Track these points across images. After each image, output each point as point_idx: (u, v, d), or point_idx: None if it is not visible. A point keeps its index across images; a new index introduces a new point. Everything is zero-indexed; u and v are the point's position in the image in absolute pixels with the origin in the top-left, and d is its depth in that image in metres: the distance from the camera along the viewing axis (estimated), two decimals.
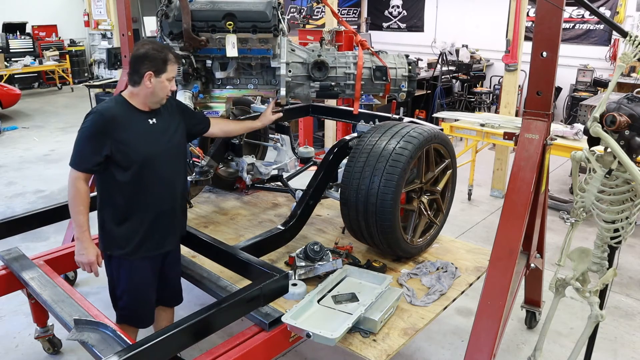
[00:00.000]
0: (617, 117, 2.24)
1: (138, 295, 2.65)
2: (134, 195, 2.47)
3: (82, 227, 2.44)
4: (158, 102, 2.51)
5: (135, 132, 2.44)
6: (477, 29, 10.60)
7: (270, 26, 3.03)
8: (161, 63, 2.43)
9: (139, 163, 2.44)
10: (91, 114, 2.44)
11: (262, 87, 3.40)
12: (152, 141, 2.49)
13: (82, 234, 2.46)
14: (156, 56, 2.42)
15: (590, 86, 9.15)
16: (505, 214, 2.62)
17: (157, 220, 2.56)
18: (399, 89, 3.49)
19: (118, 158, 2.40)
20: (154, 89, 2.44)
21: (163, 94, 2.48)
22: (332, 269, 2.93)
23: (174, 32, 3.02)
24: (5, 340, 3.49)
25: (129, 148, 2.41)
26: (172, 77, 2.48)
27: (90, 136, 2.38)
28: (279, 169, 4.06)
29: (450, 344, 3.49)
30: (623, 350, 3.44)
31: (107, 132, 2.37)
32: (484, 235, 5.13)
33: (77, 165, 2.39)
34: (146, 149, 2.46)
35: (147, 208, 2.52)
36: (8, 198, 6.01)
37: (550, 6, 2.46)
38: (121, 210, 2.49)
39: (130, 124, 2.44)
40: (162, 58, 2.43)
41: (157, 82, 2.43)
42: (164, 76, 2.44)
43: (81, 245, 2.47)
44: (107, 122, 2.38)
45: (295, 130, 7.00)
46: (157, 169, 2.51)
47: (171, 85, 2.49)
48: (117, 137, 2.38)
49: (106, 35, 13.21)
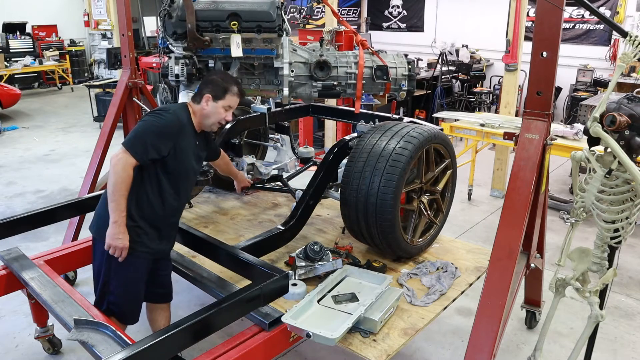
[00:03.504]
0: (617, 117, 2.23)
1: (131, 292, 2.68)
2: (164, 200, 2.58)
3: (123, 210, 2.46)
4: (209, 127, 2.69)
5: (187, 145, 2.60)
6: (477, 29, 10.60)
7: (274, 26, 3.03)
8: (221, 91, 2.62)
9: (179, 172, 2.60)
10: (165, 111, 2.55)
11: (265, 87, 3.40)
12: (191, 159, 2.67)
13: (122, 218, 2.46)
14: (219, 84, 2.62)
15: (590, 86, 9.15)
16: (505, 214, 2.61)
17: (168, 229, 2.70)
18: (399, 88, 3.50)
19: (169, 161, 2.53)
20: (209, 111, 2.61)
21: (215, 120, 2.64)
22: (332, 269, 2.93)
23: (178, 32, 3.03)
24: (5, 340, 3.49)
25: (179, 158, 2.56)
26: (228, 106, 2.63)
27: (160, 133, 2.48)
28: (279, 169, 4.06)
29: (450, 344, 3.49)
30: (623, 350, 3.44)
31: (174, 136, 2.51)
32: (484, 235, 5.13)
33: (137, 154, 2.44)
34: (187, 164, 2.64)
35: (166, 216, 2.64)
36: (8, 198, 6.01)
37: (550, 6, 2.46)
38: (146, 207, 2.55)
39: (187, 136, 2.60)
40: (224, 87, 2.62)
41: (213, 106, 2.61)
42: (221, 103, 2.61)
43: (119, 230, 2.46)
44: (179, 127, 2.54)
45: (295, 130, 7.00)
46: (185, 184, 2.69)
47: (226, 115, 2.65)
48: (178, 144, 2.53)
49: (106, 35, 13.21)
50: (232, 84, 2.65)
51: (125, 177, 2.42)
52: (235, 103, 2.67)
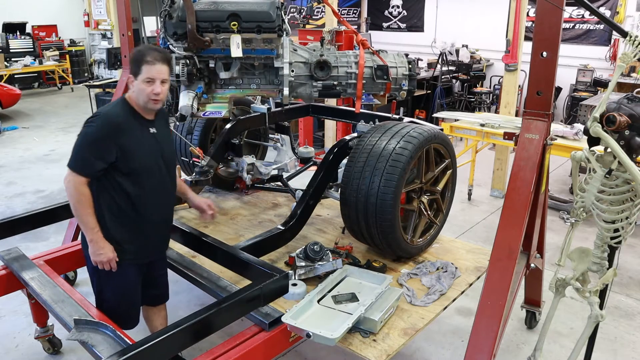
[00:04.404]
0: (617, 117, 2.23)
1: (126, 299, 2.65)
2: (133, 202, 2.46)
3: (93, 228, 2.41)
4: (146, 107, 2.43)
5: (137, 139, 2.42)
6: (477, 29, 10.60)
7: (274, 26, 3.04)
8: (136, 65, 2.36)
9: (138, 171, 2.43)
10: (96, 117, 2.38)
11: (265, 87, 3.40)
12: (152, 150, 2.49)
13: (95, 235, 2.42)
14: (133, 59, 2.37)
15: (590, 86, 9.14)
16: (505, 214, 2.61)
17: (152, 229, 2.59)
18: (400, 88, 3.50)
19: (120, 164, 2.38)
20: (135, 92, 2.40)
21: (144, 98, 2.39)
22: (332, 269, 2.93)
23: (178, 32, 3.03)
24: (5, 340, 3.49)
25: (131, 155, 2.39)
26: (149, 78, 2.35)
27: (96, 141, 2.34)
28: (279, 169, 4.06)
29: (450, 344, 3.49)
30: (623, 350, 3.44)
31: (113, 138, 2.33)
32: (484, 235, 5.13)
33: (81, 170, 2.34)
34: (147, 158, 2.46)
35: (144, 217, 2.52)
36: (8, 198, 6.01)
37: (550, 6, 2.46)
38: (119, 214, 2.47)
39: (132, 130, 2.41)
40: (137, 59, 2.36)
41: (136, 84, 2.38)
42: (140, 78, 2.36)
43: (97, 245, 2.43)
44: (114, 127, 2.35)
45: (295, 130, 7.00)
46: (156, 178, 2.52)
47: (154, 88, 2.36)
48: (122, 143, 2.35)
49: (106, 35, 13.21)
50: (145, 54, 2.35)
51: (80, 196, 2.35)
52: (157, 72, 2.35)
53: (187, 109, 3.13)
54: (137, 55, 2.37)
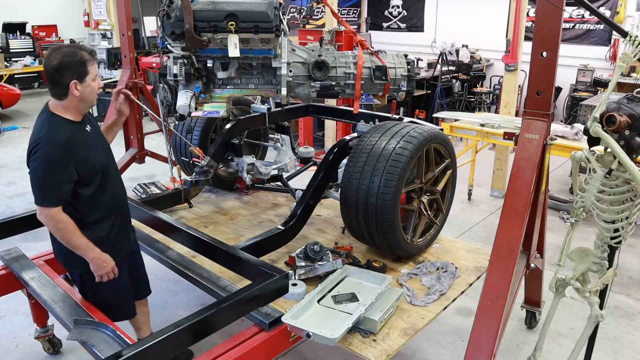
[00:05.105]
0: (617, 117, 2.24)
1: (122, 292, 2.72)
2: (99, 203, 2.49)
3: (88, 246, 2.44)
4: (90, 106, 2.47)
5: (84, 146, 2.40)
6: (477, 29, 10.60)
7: (272, 26, 3.04)
8: (80, 67, 2.33)
9: (99, 174, 2.46)
10: (39, 146, 2.28)
11: (263, 87, 3.40)
12: (98, 149, 2.53)
13: (93, 252, 2.45)
14: (73, 62, 2.31)
15: (590, 86, 9.14)
16: (505, 214, 2.61)
17: (122, 222, 2.66)
18: (399, 89, 3.50)
19: (84, 177, 2.38)
20: (83, 95, 2.36)
21: (93, 96, 2.43)
22: (332, 269, 2.93)
23: (176, 32, 3.03)
24: (5, 340, 3.49)
25: (89, 163, 2.40)
26: (95, 76, 2.40)
27: (53, 167, 2.29)
28: (279, 169, 4.06)
29: (450, 344, 3.49)
30: (623, 350, 3.44)
31: (67, 156, 2.30)
32: (484, 235, 5.13)
33: (51, 202, 2.31)
34: (99, 156, 2.50)
35: (112, 212, 2.58)
36: (8, 198, 6.01)
37: (550, 6, 2.45)
38: (96, 223, 2.51)
39: (77, 140, 2.37)
40: (79, 61, 2.33)
41: (84, 87, 2.35)
42: (88, 78, 2.36)
43: (99, 259, 2.48)
44: (63, 146, 2.29)
45: (295, 130, 7.00)
46: (111, 173, 2.58)
47: (97, 83, 2.41)
48: (76, 158, 2.33)
49: (106, 35, 13.19)
50: (81, 52, 2.34)
51: (62, 225, 2.36)
52: (97, 67, 2.42)
53: (185, 109, 3.14)
54: (75, 58, 2.32)
